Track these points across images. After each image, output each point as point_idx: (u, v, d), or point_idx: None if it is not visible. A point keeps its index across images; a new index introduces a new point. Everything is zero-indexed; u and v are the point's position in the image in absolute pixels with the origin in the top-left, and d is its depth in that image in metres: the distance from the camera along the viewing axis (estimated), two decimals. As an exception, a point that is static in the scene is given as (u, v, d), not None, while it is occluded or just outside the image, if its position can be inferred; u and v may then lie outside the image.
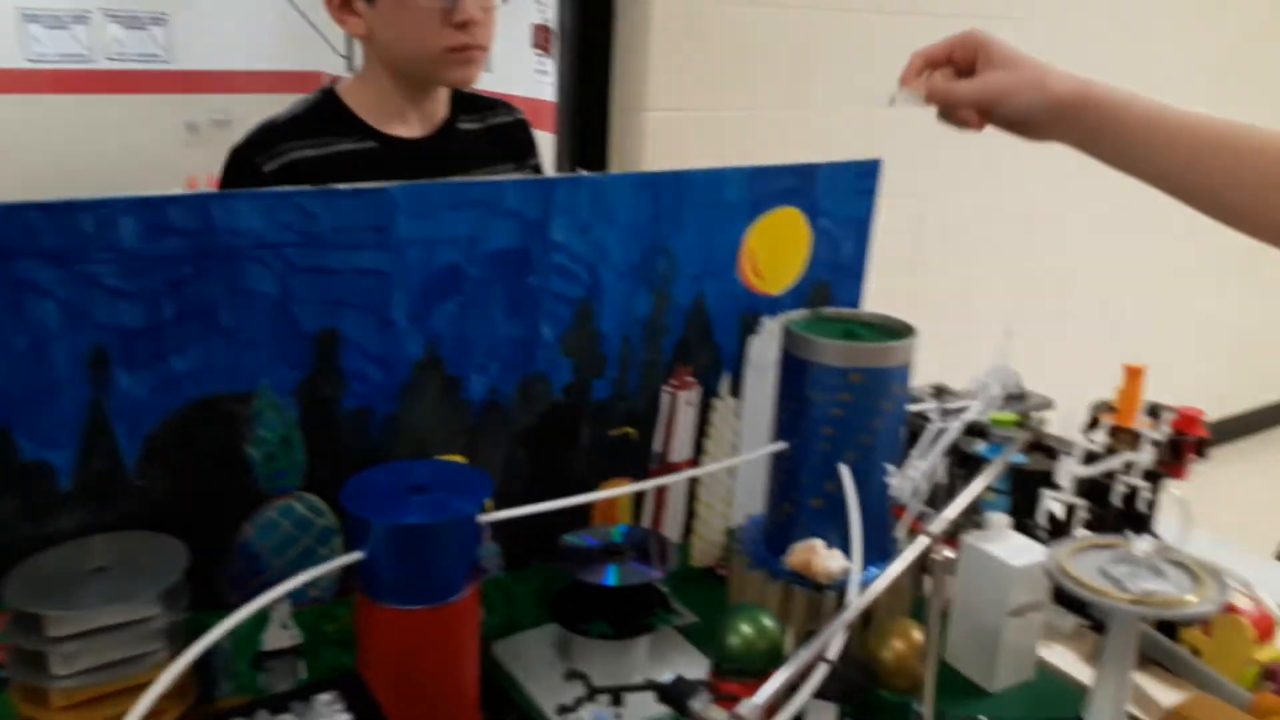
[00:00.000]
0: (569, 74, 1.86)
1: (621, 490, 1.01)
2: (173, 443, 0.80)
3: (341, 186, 0.81)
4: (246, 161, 1.23)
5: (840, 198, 1.09)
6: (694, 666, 0.97)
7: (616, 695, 0.92)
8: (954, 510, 0.67)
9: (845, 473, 0.97)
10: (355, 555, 0.81)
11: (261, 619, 0.90)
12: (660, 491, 1.10)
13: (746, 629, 0.82)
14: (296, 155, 1.23)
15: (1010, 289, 2.77)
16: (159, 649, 0.74)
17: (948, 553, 0.65)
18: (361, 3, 1.23)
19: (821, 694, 0.76)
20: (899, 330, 1.01)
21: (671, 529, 1.12)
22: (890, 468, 0.88)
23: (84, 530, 0.78)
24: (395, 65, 1.27)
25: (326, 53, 6.32)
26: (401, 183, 0.84)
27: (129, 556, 0.76)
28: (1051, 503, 0.97)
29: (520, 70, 3.43)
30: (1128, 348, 3.16)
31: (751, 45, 1.97)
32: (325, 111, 1.29)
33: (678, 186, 0.98)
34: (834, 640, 0.80)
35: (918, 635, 0.82)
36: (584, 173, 1.46)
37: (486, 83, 1.48)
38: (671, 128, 1.91)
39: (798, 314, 1.04)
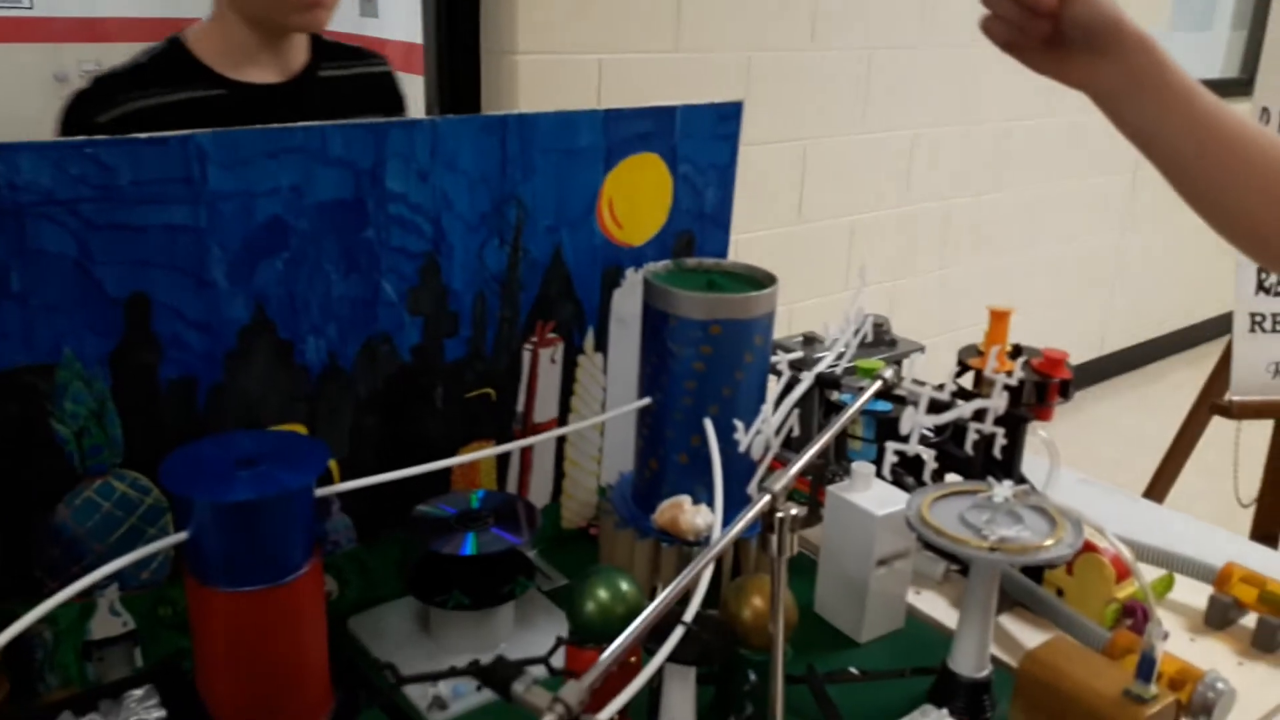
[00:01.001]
0: (436, 14, 1.77)
1: (479, 454, 0.96)
2: (-37, 422, 0.72)
3: (140, 135, 0.74)
4: (80, 114, 1.14)
5: (701, 142, 1.05)
6: (560, 632, 0.94)
7: (479, 669, 0.88)
8: (797, 466, 0.65)
9: (709, 426, 0.94)
10: (179, 536, 0.75)
11: (89, 606, 0.84)
12: (525, 453, 1.06)
13: (603, 594, 0.79)
14: (135, 105, 1.15)
15: (892, 233, 2.79)
16: (-50, 649, 0.67)
17: (793, 510, 0.62)
18: None
19: (677, 658, 0.73)
20: (762, 280, 0.98)
21: (539, 491, 1.09)
22: (739, 424, 0.85)
23: None
24: (242, 8, 1.19)
25: (204, -2, 6.02)
26: (207, 130, 0.77)
27: (-89, 550, 0.69)
28: (919, 452, 0.96)
29: (404, 13, 3.29)
30: (1008, 288, 3.24)
31: (628, -14, 1.91)
32: (170, 59, 1.20)
33: (524, 130, 0.92)
34: (691, 602, 0.78)
35: (759, 602, 0.80)
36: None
37: (371, 28, 1.37)
38: (543, 72, 1.84)
39: (659, 265, 1.00)
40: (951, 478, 1.02)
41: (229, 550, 0.75)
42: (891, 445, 0.74)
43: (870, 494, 0.93)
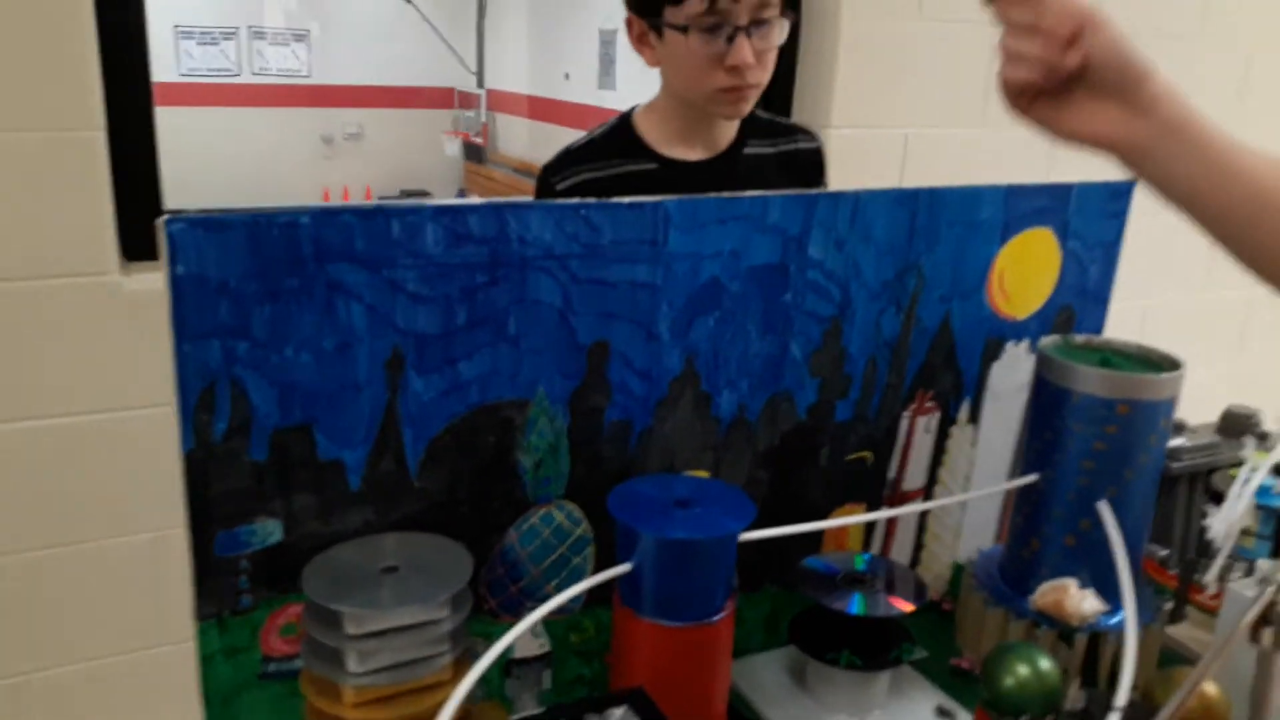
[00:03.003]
0: (755, 92, 1.85)
1: (867, 517, 0.98)
2: (453, 447, 0.81)
3: (622, 200, 0.81)
4: (544, 181, 1.31)
5: (1091, 219, 1.05)
6: (930, 701, 0.94)
7: (865, 727, 0.89)
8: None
9: (1106, 510, 0.93)
10: (624, 567, 0.80)
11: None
12: (891, 520, 1.07)
13: (1023, 670, 0.78)
14: (584, 176, 1.30)
15: (1242, 307, 2.61)
16: (445, 652, 0.75)
17: (1296, 603, 0.60)
18: (653, 36, 1.27)
19: (1119, 745, 0.72)
20: (1159, 361, 0.96)
21: (899, 559, 1.09)
22: (1211, 508, 0.83)
23: (366, 529, 0.80)
24: (680, 95, 1.30)
25: (459, 69, 6.50)
26: (674, 196, 0.84)
27: (417, 558, 0.77)
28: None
29: (640, 86, 3.42)
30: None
31: (941, 63, 1.93)
32: (616, 136, 1.34)
33: (934, 203, 0.95)
34: (1121, 686, 0.76)
35: (1210, 689, 0.77)
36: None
37: (609, 100, 1.45)
38: (851, 145, 1.88)
39: (1050, 340, 1.00)
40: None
41: (666, 585, 0.79)
42: None
43: None
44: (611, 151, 1.31)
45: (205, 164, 6.04)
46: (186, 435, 0.71)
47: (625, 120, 1.35)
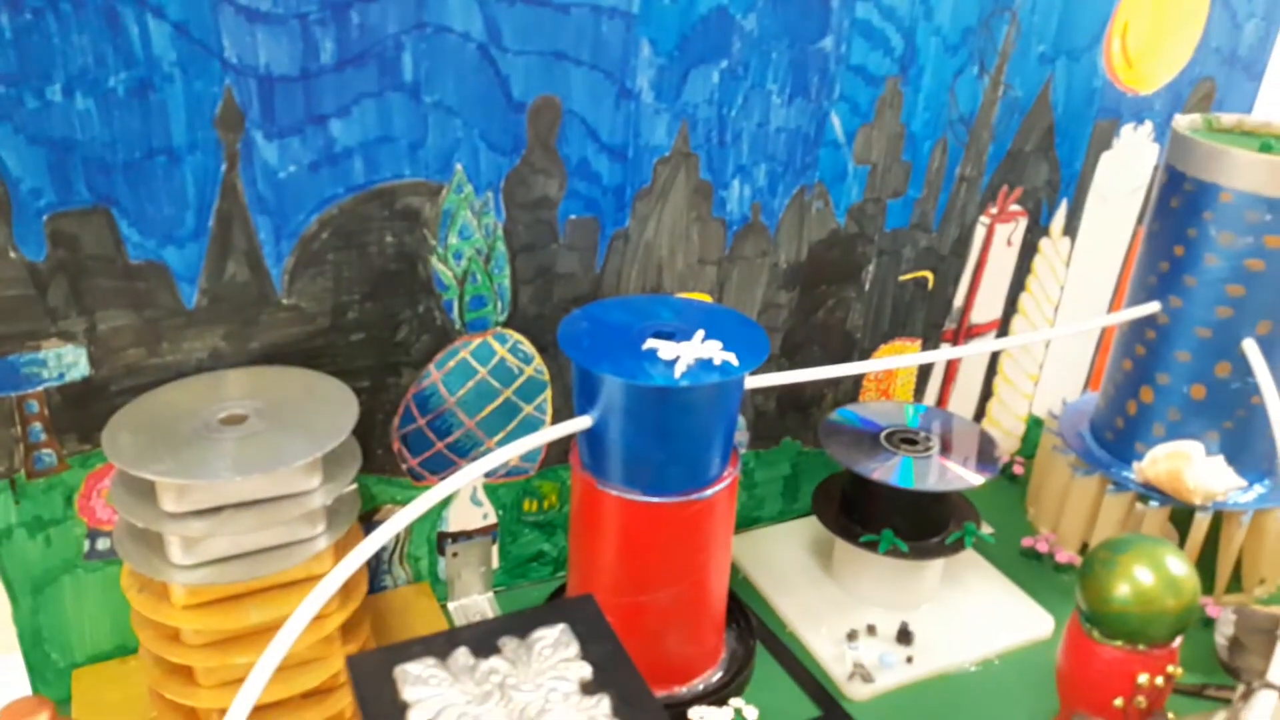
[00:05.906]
0: None
1: (923, 357, 0.74)
2: (335, 248, 0.56)
3: None
4: None
5: (1260, -49, 0.75)
6: (997, 593, 0.72)
7: (906, 632, 0.68)
8: None
9: (1254, 351, 0.67)
10: (582, 421, 0.57)
11: (442, 491, 0.69)
12: (952, 362, 0.82)
13: (1145, 578, 0.55)
14: None
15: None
16: (317, 535, 0.53)
17: None
18: None
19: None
20: (1347, 149, 0.69)
21: (959, 410, 0.85)
22: None
23: (216, 363, 0.57)
24: None
25: None
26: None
27: (276, 403, 0.54)
28: None
29: None
30: None
31: None
32: None
33: (1044, -85, 0.66)
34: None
35: None
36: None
37: None
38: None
39: (1187, 119, 0.72)
40: None
41: (639, 447, 0.56)
42: None
43: None
44: None
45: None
46: (-95, 219, 0.48)
47: None
